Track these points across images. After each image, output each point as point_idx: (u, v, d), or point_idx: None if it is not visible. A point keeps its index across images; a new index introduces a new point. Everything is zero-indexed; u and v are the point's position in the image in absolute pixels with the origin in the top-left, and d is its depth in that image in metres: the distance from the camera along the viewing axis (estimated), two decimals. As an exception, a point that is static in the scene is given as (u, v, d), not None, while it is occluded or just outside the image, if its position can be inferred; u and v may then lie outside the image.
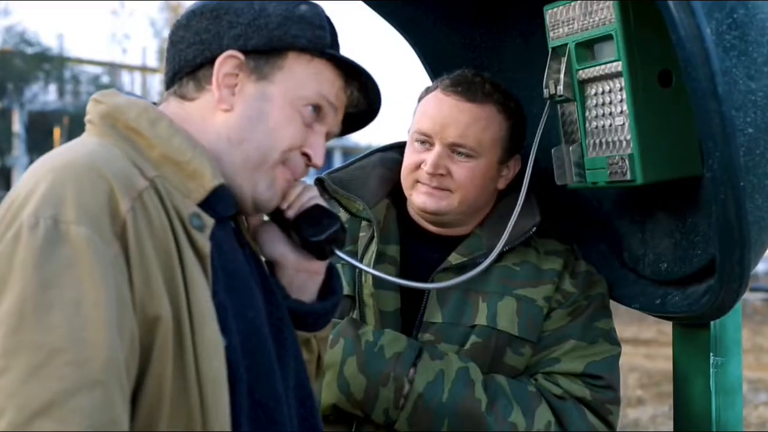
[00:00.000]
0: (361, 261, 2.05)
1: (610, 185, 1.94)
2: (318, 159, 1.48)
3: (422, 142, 2.05)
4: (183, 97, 1.45)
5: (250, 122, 1.42)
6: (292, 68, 1.44)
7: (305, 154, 1.48)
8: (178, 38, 1.47)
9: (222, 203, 1.38)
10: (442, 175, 2.03)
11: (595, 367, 2.01)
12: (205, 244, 1.31)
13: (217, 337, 1.27)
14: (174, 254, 1.26)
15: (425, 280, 2.02)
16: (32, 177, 1.25)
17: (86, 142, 1.35)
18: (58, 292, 1.16)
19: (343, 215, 2.14)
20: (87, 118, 1.39)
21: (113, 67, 38.53)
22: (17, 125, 33.21)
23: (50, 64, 33.99)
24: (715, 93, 1.52)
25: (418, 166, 2.05)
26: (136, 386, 1.22)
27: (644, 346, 12.67)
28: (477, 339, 2.00)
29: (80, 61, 37.36)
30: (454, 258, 2.05)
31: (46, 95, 34.98)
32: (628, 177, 1.86)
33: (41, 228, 1.18)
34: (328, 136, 1.52)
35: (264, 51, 1.43)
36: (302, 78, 1.45)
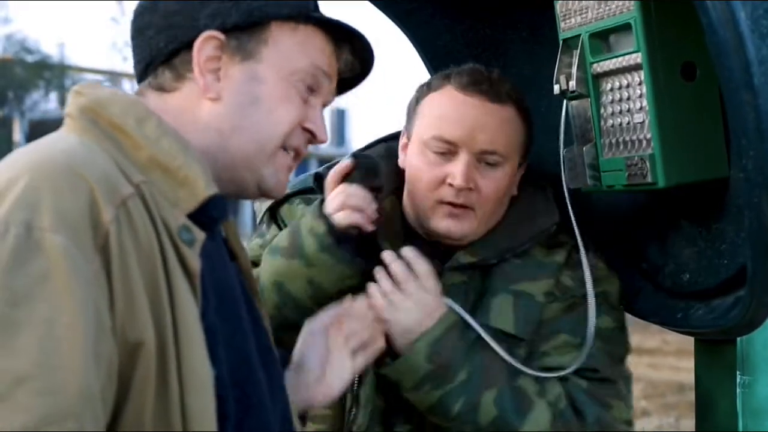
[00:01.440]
0: None
1: (628, 188, 1.80)
2: (322, 134, 1.35)
3: (442, 153, 1.85)
4: (161, 88, 1.29)
5: (242, 109, 1.28)
6: (277, 41, 1.30)
7: (307, 130, 1.34)
8: (145, 24, 1.31)
9: (215, 211, 1.23)
10: (470, 189, 1.83)
11: (589, 361, 1.82)
12: (195, 261, 1.15)
13: (206, 368, 1.12)
14: (160, 271, 1.11)
15: None
16: (3, 175, 1.09)
17: (65, 138, 1.19)
18: (28, 309, 1.01)
19: None
20: (66, 111, 1.23)
21: (114, 75, 38.60)
22: (18, 134, 33.30)
23: (51, 72, 34.12)
24: (750, 84, 1.37)
25: (442, 181, 1.84)
26: (112, 421, 1.06)
27: (648, 355, 12.60)
28: None
29: (81, 69, 37.46)
30: (463, 257, 1.88)
31: (47, 103, 35.11)
32: (649, 179, 1.71)
33: (11, 235, 1.03)
34: (323, 106, 1.38)
35: (245, 27, 1.28)
36: (290, 50, 1.30)
